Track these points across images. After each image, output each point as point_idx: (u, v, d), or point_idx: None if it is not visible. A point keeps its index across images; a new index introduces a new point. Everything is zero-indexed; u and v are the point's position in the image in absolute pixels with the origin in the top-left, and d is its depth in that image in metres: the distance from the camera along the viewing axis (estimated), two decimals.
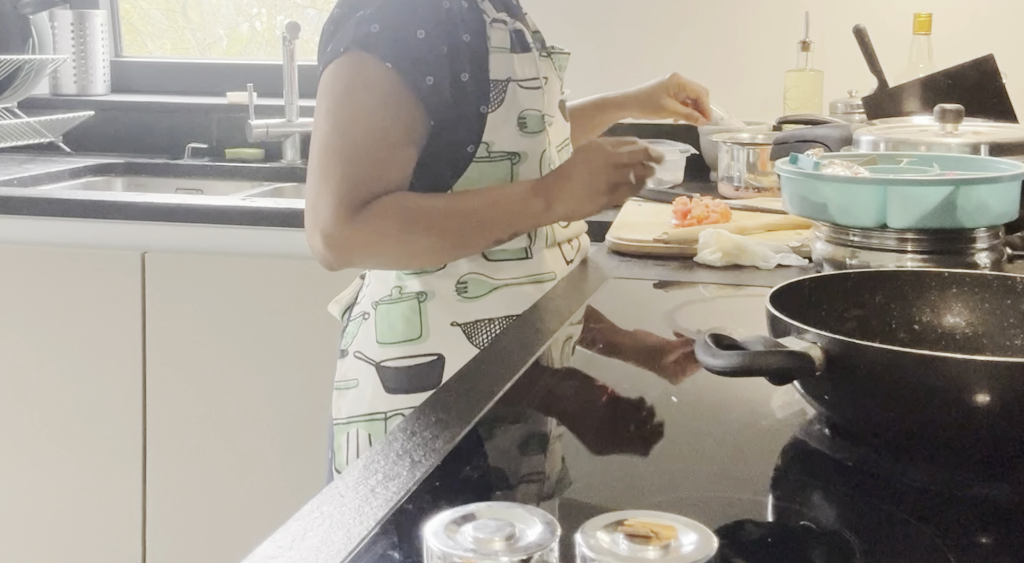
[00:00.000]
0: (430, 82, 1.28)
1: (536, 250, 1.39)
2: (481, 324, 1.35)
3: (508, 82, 1.35)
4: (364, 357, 1.37)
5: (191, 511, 2.21)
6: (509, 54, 1.36)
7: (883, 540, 0.69)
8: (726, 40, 2.60)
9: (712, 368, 0.80)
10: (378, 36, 1.27)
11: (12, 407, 2.27)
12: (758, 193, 2.01)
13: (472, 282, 1.35)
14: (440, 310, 1.35)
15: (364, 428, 1.36)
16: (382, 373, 1.35)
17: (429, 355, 1.34)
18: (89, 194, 2.38)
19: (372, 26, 1.27)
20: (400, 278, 1.36)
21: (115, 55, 3.10)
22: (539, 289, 1.37)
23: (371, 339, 1.37)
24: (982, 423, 0.75)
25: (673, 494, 0.76)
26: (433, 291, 1.35)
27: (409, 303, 1.36)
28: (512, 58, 1.36)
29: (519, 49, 1.38)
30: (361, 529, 0.69)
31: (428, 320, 1.35)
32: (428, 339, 1.35)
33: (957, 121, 1.41)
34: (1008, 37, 2.41)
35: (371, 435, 1.35)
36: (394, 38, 1.27)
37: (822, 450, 0.83)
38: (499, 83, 1.34)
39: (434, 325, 1.35)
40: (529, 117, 1.37)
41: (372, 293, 1.40)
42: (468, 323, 1.35)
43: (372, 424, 1.35)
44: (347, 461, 1.37)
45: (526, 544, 0.52)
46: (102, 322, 2.20)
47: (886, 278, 0.97)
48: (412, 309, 1.36)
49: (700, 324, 1.26)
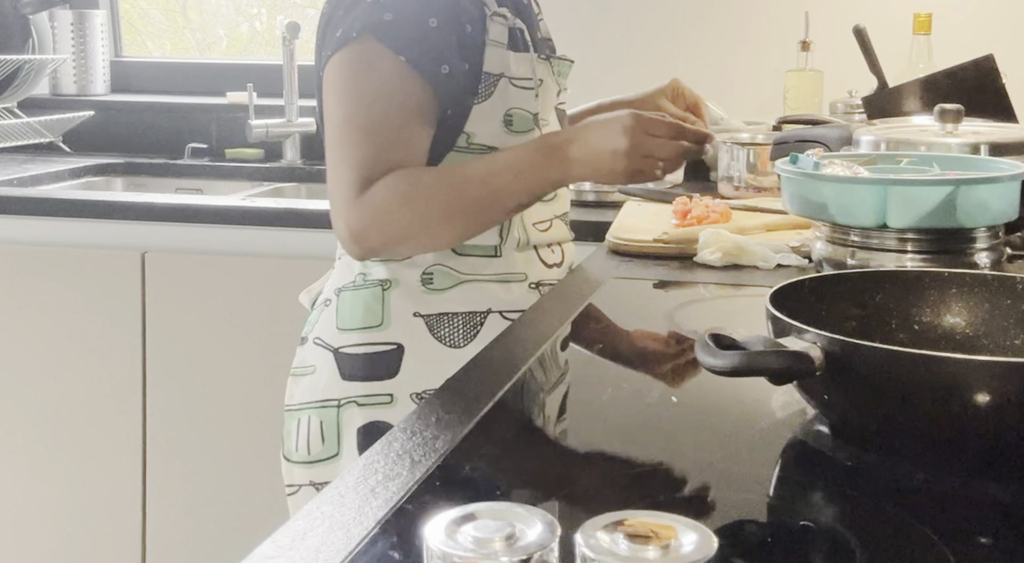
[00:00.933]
0: (445, 71, 1.27)
1: (507, 249, 1.37)
2: (444, 317, 1.33)
3: (500, 77, 1.33)
4: (323, 343, 1.36)
5: (191, 511, 2.20)
6: (505, 50, 1.34)
7: (883, 540, 0.68)
8: (726, 40, 2.60)
9: (712, 368, 0.79)
10: (391, 25, 1.25)
11: (12, 407, 2.27)
12: (758, 193, 2.00)
13: (438, 274, 1.34)
14: (403, 299, 1.33)
15: (316, 414, 1.34)
16: (339, 359, 1.34)
17: (388, 344, 1.33)
18: (89, 194, 2.38)
19: (385, 14, 1.25)
20: (366, 266, 1.35)
21: (115, 55, 3.11)
22: (505, 289, 1.36)
23: (331, 325, 1.36)
24: (982, 423, 0.75)
25: (673, 494, 0.76)
26: (398, 279, 1.34)
27: (372, 290, 1.34)
28: (508, 54, 1.34)
29: (516, 47, 1.36)
30: (361, 529, 0.69)
31: (390, 309, 1.33)
32: (389, 328, 1.33)
33: (957, 121, 1.41)
34: (1008, 37, 2.41)
35: (323, 422, 1.33)
36: (408, 28, 1.26)
37: (822, 450, 0.83)
38: (491, 76, 1.33)
39: (396, 314, 1.33)
40: (516, 116, 1.35)
41: (336, 280, 1.39)
42: (431, 315, 1.33)
43: (324, 411, 1.34)
44: (295, 448, 1.36)
45: (526, 544, 0.52)
46: (102, 322, 2.20)
47: (886, 278, 0.97)
48: (375, 296, 1.34)
49: (700, 324, 1.26)
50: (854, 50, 2.02)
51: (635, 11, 2.63)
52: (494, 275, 1.36)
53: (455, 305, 1.34)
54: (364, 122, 1.26)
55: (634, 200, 1.94)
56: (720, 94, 2.48)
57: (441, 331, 1.33)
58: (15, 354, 2.26)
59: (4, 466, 2.29)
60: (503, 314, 1.35)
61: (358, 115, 1.26)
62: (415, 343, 1.32)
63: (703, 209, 1.66)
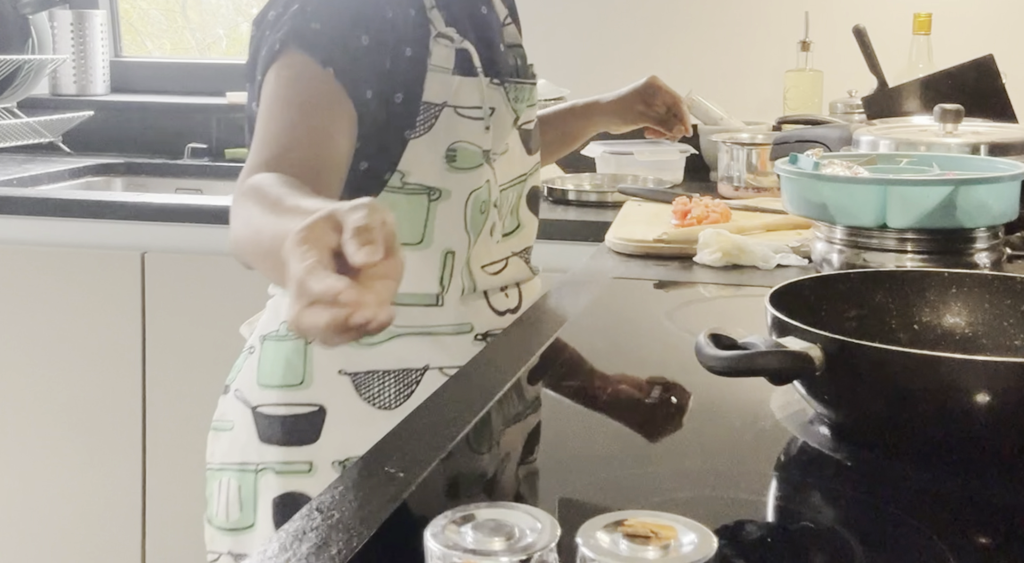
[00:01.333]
0: (369, 96, 1.10)
1: (449, 298, 1.21)
2: (374, 375, 1.18)
3: (443, 107, 1.18)
4: (243, 398, 1.23)
5: (191, 511, 2.20)
6: (450, 76, 1.18)
7: (883, 540, 0.68)
8: (726, 40, 2.60)
9: (712, 368, 0.80)
10: (318, 35, 1.08)
11: (12, 407, 2.27)
12: (758, 193, 2.01)
13: None
14: (327, 355, 1.17)
15: (235, 478, 1.20)
16: (257, 419, 1.20)
17: (309, 405, 1.18)
18: (89, 194, 2.38)
19: (312, 23, 1.09)
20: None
21: (115, 55, 3.10)
22: (446, 342, 1.20)
23: (252, 378, 1.22)
24: (982, 423, 0.75)
25: (673, 494, 0.76)
26: None
27: (294, 343, 1.19)
28: (452, 80, 1.18)
29: (462, 71, 1.19)
30: (361, 529, 0.69)
31: (312, 365, 1.18)
32: (310, 387, 1.18)
33: (957, 121, 1.41)
34: (1008, 37, 2.41)
35: (241, 488, 1.20)
36: (335, 40, 1.09)
37: (822, 450, 0.83)
38: (432, 106, 1.17)
39: (319, 371, 1.18)
40: (461, 150, 1.19)
41: (263, 324, 1.25)
42: (358, 373, 1.18)
43: (243, 475, 1.20)
44: (216, 512, 1.22)
45: (526, 544, 0.52)
46: (102, 322, 2.20)
47: (886, 278, 0.97)
48: (296, 350, 1.19)
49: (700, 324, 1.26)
50: (854, 50, 2.02)
51: (635, 11, 2.63)
52: (433, 327, 1.20)
53: (387, 362, 1.18)
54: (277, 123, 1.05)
55: (634, 200, 1.94)
56: (720, 94, 2.48)
57: (370, 391, 1.18)
58: (15, 354, 2.25)
59: (4, 466, 2.29)
60: (443, 370, 1.19)
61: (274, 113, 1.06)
62: (339, 404, 1.18)
63: (703, 209, 1.66)
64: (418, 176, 1.18)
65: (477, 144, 1.20)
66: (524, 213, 1.33)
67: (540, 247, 1.40)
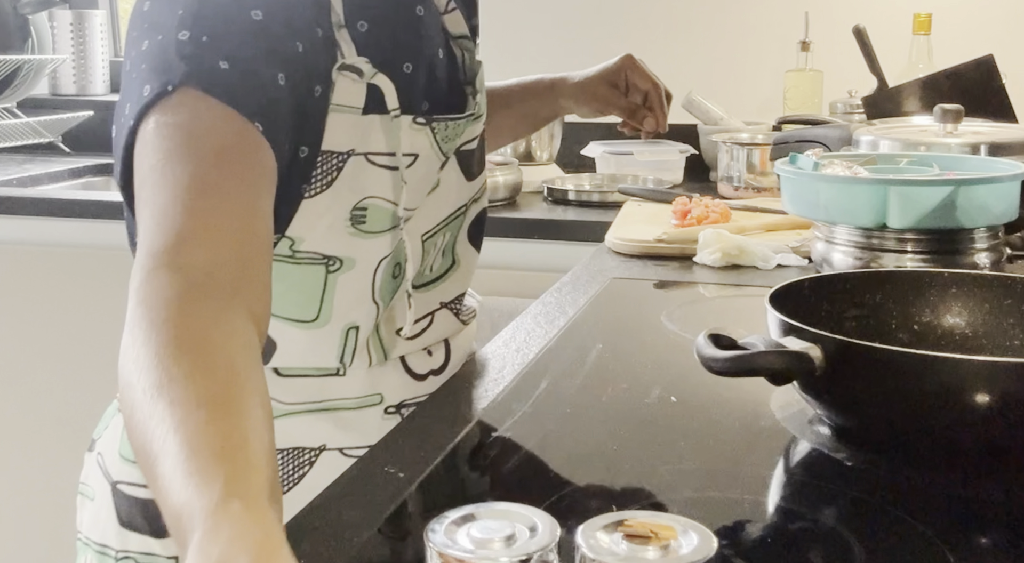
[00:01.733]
0: (287, 149, 0.87)
1: (353, 368, 1.00)
2: None
3: (349, 156, 0.93)
4: (103, 467, 1.04)
5: None
6: (358, 116, 0.93)
7: (883, 540, 0.68)
8: (726, 40, 2.60)
9: (712, 368, 0.80)
10: (227, 75, 0.82)
11: (12, 407, 2.27)
12: (758, 193, 2.01)
13: None
14: None
15: (96, 558, 1.05)
16: (117, 498, 1.01)
17: None
18: (89, 194, 2.38)
19: (219, 62, 0.82)
20: None
21: (114, 55, 3.10)
22: (348, 419, 0.99)
23: (115, 445, 1.02)
24: (982, 423, 0.75)
25: (673, 494, 0.76)
26: None
27: None
28: (361, 121, 0.93)
29: (379, 108, 0.94)
30: (361, 529, 0.69)
31: None
32: None
33: (957, 121, 1.41)
34: (1008, 37, 2.41)
35: None
36: (247, 81, 0.82)
37: (822, 450, 0.83)
38: (333, 156, 0.92)
39: None
40: (372, 209, 0.95)
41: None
42: None
43: (103, 559, 1.03)
44: None
45: (526, 544, 0.52)
46: (102, 322, 2.19)
47: (886, 278, 0.97)
48: None
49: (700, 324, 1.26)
50: (854, 50, 2.02)
51: (635, 11, 2.63)
52: (332, 401, 0.99)
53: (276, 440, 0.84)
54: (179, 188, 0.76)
55: (634, 200, 1.94)
56: (720, 94, 2.48)
57: None
58: (15, 354, 2.26)
59: (3, 465, 2.29)
60: (343, 451, 0.99)
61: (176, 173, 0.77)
62: None
63: (703, 209, 1.66)
64: (313, 243, 0.94)
65: (390, 199, 0.96)
66: (462, 248, 1.09)
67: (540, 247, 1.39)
